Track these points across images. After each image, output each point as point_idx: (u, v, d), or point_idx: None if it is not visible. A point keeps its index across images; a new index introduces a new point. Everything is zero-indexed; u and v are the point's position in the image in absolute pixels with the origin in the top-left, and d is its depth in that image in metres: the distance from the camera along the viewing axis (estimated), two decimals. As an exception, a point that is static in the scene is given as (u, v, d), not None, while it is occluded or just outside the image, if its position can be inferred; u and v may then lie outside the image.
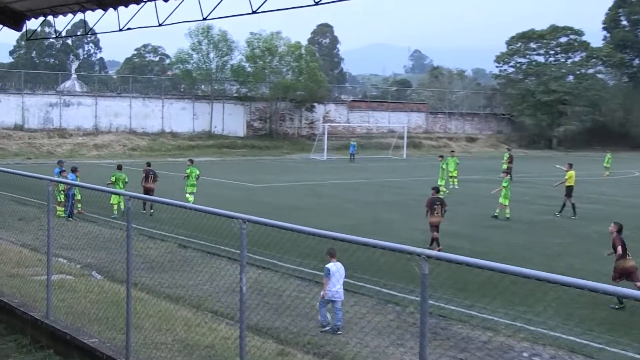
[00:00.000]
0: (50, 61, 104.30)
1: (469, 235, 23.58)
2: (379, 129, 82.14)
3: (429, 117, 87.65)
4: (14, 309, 11.47)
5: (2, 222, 21.31)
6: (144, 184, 27.48)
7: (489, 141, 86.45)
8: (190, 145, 67.02)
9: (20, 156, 56.65)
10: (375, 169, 53.48)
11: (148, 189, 27.14)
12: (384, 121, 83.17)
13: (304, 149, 70.85)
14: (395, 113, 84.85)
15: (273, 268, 16.75)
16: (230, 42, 73.09)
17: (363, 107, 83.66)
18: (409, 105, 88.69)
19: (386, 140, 76.91)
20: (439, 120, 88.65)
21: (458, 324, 13.22)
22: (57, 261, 15.34)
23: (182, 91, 77.82)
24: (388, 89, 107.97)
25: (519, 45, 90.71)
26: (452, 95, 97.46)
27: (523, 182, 42.28)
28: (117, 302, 11.06)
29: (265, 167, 54.18)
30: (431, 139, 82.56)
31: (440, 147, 78.09)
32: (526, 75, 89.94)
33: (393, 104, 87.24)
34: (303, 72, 74.07)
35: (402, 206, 30.48)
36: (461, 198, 33.61)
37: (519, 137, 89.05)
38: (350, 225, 24.25)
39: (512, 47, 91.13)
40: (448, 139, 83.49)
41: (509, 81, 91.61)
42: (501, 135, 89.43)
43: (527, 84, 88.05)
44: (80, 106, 66.76)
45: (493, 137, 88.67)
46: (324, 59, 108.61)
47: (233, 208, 12.25)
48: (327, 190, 36.94)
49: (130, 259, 9.44)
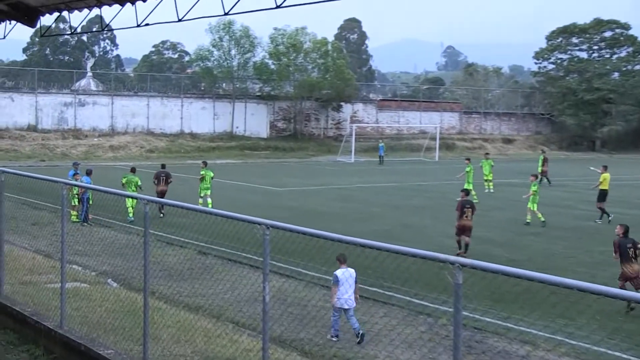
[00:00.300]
0: (64, 59, 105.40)
1: (506, 242, 23.43)
2: (410, 130, 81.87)
3: (463, 117, 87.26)
4: (27, 318, 11.59)
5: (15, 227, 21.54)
6: (157, 187, 27.97)
7: (527, 143, 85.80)
8: (210, 146, 67.32)
9: (34, 158, 57.29)
10: (406, 171, 53.32)
11: (161, 191, 27.63)
12: (415, 121, 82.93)
13: (330, 151, 70.83)
14: (427, 113, 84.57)
15: (297, 276, 16.76)
16: (253, 38, 73.37)
17: (393, 107, 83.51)
18: (441, 104, 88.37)
19: (417, 141, 76.64)
20: (474, 120, 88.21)
21: (494, 337, 13.13)
22: (72, 268, 15.48)
23: (202, 90, 78.18)
24: (419, 87, 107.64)
25: (560, 41, 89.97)
26: (488, 93, 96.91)
27: (563, 186, 41.93)
28: (133, 311, 11.13)
29: (289, 169, 54.26)
30: (465, 140, 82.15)
31: (474, 148, 77.66)
32: (567, 73, 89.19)
33: (425, 103, 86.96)
34: (329, 69, 74.08)
35: (434, 211, 30.36)
36: (497, 203, 33.41)
37: (559, 138, 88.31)
38: (379, 231, 24.21)
39: (553, 42, 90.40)
40: (483, 141, 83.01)
41: (549, 79, 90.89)
42: (540, 137, 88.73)
43: (568, 81, 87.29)
44: (95, 106, 67.38)
45: (531, 138, 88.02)
46: (352, 55, 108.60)
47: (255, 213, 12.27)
48: (354, 194, 36.90)
49: (147, 266, 9.50)
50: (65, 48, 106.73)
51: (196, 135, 70.42)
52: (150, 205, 9.69)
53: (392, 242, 7.21)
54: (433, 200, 34.60)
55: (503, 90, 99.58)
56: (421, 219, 28.16)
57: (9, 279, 13.44)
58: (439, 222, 26.87)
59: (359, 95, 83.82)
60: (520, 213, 29.57)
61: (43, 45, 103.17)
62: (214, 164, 52.97)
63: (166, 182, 28.18)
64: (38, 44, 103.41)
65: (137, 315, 10.47)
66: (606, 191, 29.14)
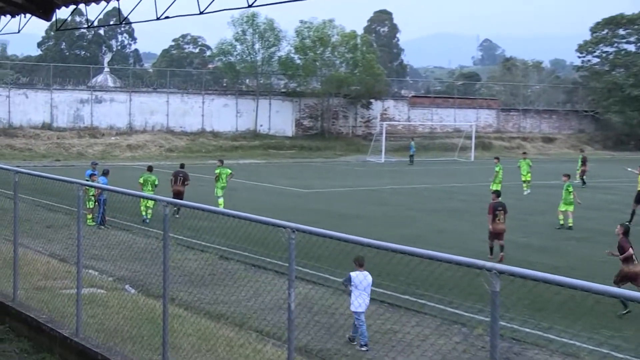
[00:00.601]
0: (81, 53, 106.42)
1: (547, 248, 23.26)
2: (444, 128, 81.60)
3: (501, 114, 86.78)
4: (41, 325, 11.70)
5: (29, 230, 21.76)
6: (173, 187, 28.37)
7: (569, 142, 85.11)
8: (233, 145, 67.56)
9: (49, 158, 57.87)
10: (439, 172, 53.14)
11: (176, 192, 27.96)
12: (449, 119, 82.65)
13: (359, 151, 70.78)
14: (462, 110, 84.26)
15: (325, 283, 16.76)
16: (278, 31, 73.51)
17: (426, 104, 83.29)
18: (477, 101, 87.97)
19: (452, 140, 76.37)
20: (512, 118, 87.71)
21: (534, 349, 13.04)
22: (88, 273, 15.61)
23: (225, 86, 78.54)
24: (454, 83, 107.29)
25: (606, 32, 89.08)
26: (527, 89, 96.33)
27: (609, 189, 41.56)
28: (152, 319, 11.19)
29: (316, 170, 54.31)
30: (503, 139, 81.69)
31: (512, 148, 77.21)
32: (613, 67, 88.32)
33: (460, 99, 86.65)
34: (358, 64, 74.05)
35: (469, 215, 30.23)
36: (537, 206, 33.18)
37: (603, 137, 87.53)
38: (411, 235, 24.16)
39: (597, 34, 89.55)
40: (522, 139, 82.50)
41: (593, 73, 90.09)
42: (583, 135, 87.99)
43: (614, 76, 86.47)
44: (113, 103, 67.90)
45: (573, 137, 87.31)
46: (382, 49, 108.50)
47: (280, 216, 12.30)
48: (385, 196, 36.85)
49: (167, 272, 9.55)
50: (82, 42, 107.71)
51: (218, 134, 70.70)
52: (170, 207, 9.74)
53: (424, 247, 7.19)
54: (468, 203, 34.44)
55: (543, 86, 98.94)
56: (456, 223, 28.05)
57: (23, 284, 13.59)
58: (475, 227, 26.74)
59: (389, 91, 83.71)
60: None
61: (58, 39, 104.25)
62: (237, 164, 53.20)
63: (183, 183, 28.55)
64: (53, 39, 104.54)
65: (156, 323, 10.53)
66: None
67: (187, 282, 16.13)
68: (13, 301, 12.87)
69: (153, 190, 26.65)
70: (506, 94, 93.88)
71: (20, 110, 64.12)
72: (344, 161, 64.59)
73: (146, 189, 26.72)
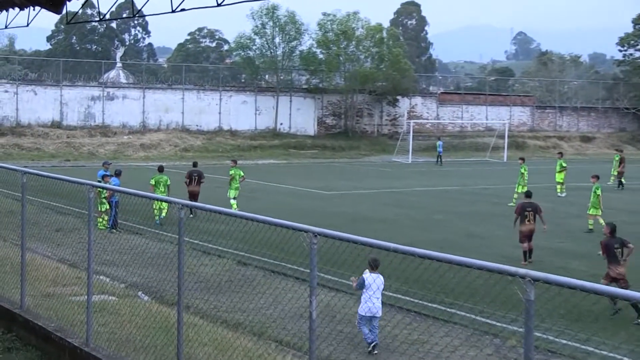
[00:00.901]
0: (92, 48, 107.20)
1: (586, 254, 23.10)
2: (475, 127, 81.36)
3: (536, 112, 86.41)
4: (50, 334, 11.77)
5: (37, 234, 21.92)
6: (188, 188, 28.89)
7: (609, 141, 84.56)
8: (251, 145, 67.69)
9: (58, 158, 58.26)
10: (470, 173, 52.97)
11: (192, 193, 28.53)
12: (480, 117, 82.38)
13: (385, 150, 70.71)
14: (495, 107, 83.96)
15: (348, 290, 16.73)
16: (300, 24, 73.53)
17: (456, 101, 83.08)
18: (511, 98, 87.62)
19: (483, 139, 76.11)
20: (548, 115, 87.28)
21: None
22: (99, 279, 15.70)
23: (243, 82, 78.77)
24: (486, 78, 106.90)
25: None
26: (564, 85, 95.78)
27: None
28: (166, 328, 11.23)
29: (339, 171, 54.32)
30: (538, 138, 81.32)
31: (548, 147, 76.82)
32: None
33: (492, 96, 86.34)
34: (384, 59, 73.99)
35: (502, 218, 30.08)
36: (574, 209, 32.98)
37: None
38: (440, 240, 24.11)
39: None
40: (558, 139, 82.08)
41: (636, 68, 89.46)
42: (624, 134, 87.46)
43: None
44: (125, 100, 68.25)
45: (613, 136, 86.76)
46: (410, 43, 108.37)
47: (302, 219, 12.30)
48: (412, 199, 36.79)
49: (181, 278, 9.58)
50: (93, 36, 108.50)
51: (236, 133, 70.88)
52: (185, 209, 9.76)
53: (454, 253, 7.16)
54: (501, 206, 34.29)
55: (582, 82, 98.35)
56: (487, 227, 27.95)
57: (31, 290, 13.69)
58: (508, 231, 26.58)
59: (417, 88, 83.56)
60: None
61: (69, 33, 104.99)
62: (255, 165, 53.36)
63: (198, 183, 29.05)
64: (63, 32, 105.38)
65: (170, 332, 10.56)
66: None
67: (203, 289, 16.17)
68: (20, 309, 12.96)
69: (165, 191, 26.92)
70: (541, 90, 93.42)
71: (28, 108, 64.56)
72: (369, 162, 64.55)
73: (158, 190, 26.97)
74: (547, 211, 29.65)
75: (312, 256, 7.91)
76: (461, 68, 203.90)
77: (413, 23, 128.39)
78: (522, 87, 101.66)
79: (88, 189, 11.61)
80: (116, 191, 21.89)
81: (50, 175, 13.97)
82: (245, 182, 34.65)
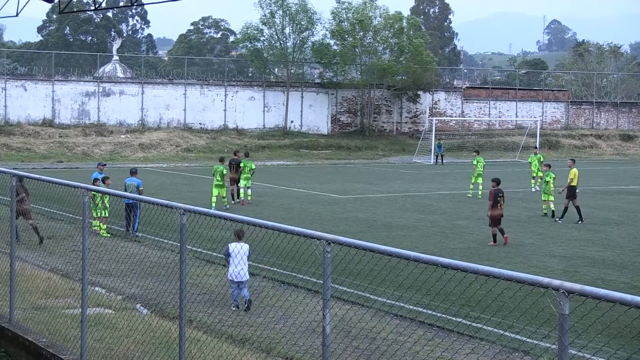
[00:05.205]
0: (86, 40, 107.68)
1: (627, 264, 23.00)
2: (503, 125, 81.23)
3: (571, 108, 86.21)
4: (41, 350, 11.81)
5: (27, 241, 22.04)
6: (230, 174, 33.63)
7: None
8: (260, 145, 67.69)
9: (50, 159, 58.45)
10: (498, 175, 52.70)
11: (232, 178, 33.97)
12: (509, 114, 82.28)
13: (405, 150, 70.67)
14: (526, 103, 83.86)
15: (365, 303, 16.74)
16: (312, 13, 73.60)
17: (482, 96, 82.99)
18: (543, 93, 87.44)
19: (512, 138, 76.00)
20: (584, 112, 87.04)
21: (609, 382, 12.91)
22: (94, 291, 15.75)
23: (251, 76, 79.03)
24: (516, 71, 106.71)
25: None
26: (603, 79, 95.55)
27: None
28: (167, 343, 11.26)
29: (355, 173, 54.29)
30: (573, 137, 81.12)
31: (584, 147, 76.65)
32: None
33: (522, 91, 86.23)
34: (404, 51, 74.01)
35: (532, 224, 30.03)
36: (613, 215, 32.87)
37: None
38: (465, 248, 24.08)
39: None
40: (596, 137, 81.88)
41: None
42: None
43: None
44: (122, 96, 68.47)
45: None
46: (432, 33, 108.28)
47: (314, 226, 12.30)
48: (434, 203, 36.74)
49: (183, 289, 9.60)
50: (88, 27, 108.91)
51: (243, 132, 70.99)
52: (187, 215, 9.78)
53: (480, 262, 7.16)
54: (532, 211, 34.20)
55: (622, 75, 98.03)
56: (516, 234, 27.85)
57: (21, 303, 13.73)
58: (539, 238, 26.56)
59: (440, 82, 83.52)
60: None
61: (62, 23, 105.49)
62: (264, 167, 53.44)
63: (237, 170, 34.01)
64: (56, 23, 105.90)
65: (171, 348, 10.59)
66: (574, 187, 31.13)
67: (207, 302, 16.20)
68: (9, 323, 13.00)
69: (222, 180, 31.49)
70: (577, 84, 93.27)
71: (17, 105, 64.91)
72: (387, 163, 64.52)
73: (215, 179, 31.51)
74: (586, 216, 29.89)
75: (326, 266, 7.91)
76: (489, 60, 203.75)
77: (436, 11, 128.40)
78: (555, 80, 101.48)
79: (83, 193, 11.62)
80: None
81: (42, 177, 14.01)
82: (253, 186, 34.99)
